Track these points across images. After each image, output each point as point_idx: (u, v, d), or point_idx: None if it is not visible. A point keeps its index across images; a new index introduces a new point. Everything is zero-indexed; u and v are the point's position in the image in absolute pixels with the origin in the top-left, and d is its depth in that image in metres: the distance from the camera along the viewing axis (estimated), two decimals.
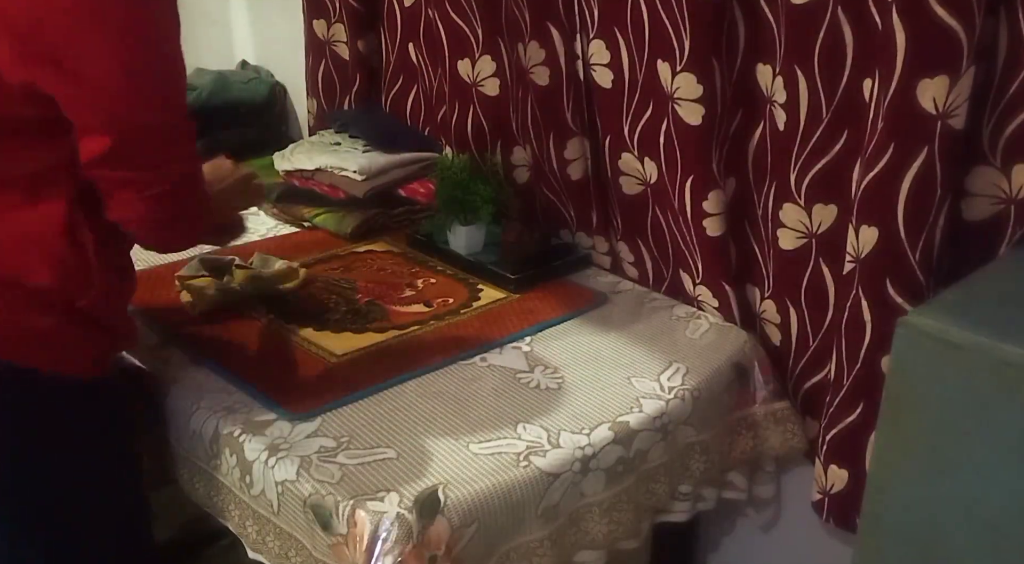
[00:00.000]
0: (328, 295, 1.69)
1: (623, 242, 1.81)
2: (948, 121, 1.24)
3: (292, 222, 2.01)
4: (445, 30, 1.91)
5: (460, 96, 1.94)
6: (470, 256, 1.80)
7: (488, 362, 1.51)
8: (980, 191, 1.31)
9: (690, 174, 1.58)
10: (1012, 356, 0.97)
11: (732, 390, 1.54)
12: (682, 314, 1.68)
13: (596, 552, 1.35)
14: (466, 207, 1.77)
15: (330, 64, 2.24)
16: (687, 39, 1.49)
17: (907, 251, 1.32)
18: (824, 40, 1.38)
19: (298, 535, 1.26)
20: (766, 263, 1.61)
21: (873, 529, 1.15)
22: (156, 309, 1.59)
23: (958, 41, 1.19)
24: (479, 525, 1.20)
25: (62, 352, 1.23)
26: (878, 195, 1.32)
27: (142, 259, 1.54)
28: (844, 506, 1.51)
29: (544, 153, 1.81)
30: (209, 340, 1.53)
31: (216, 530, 1.49)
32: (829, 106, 1.41)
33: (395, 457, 1.27)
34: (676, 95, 1.54)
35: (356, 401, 1.38)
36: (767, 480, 1.67)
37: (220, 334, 1.56)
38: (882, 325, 1.36)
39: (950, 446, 1.05)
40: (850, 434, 1.47)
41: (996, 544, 1.04)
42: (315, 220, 1.97)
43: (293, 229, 2.00)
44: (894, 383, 1.08)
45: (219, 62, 2.58)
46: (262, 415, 1.35)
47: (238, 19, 2.70)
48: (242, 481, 1.31)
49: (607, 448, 1.33)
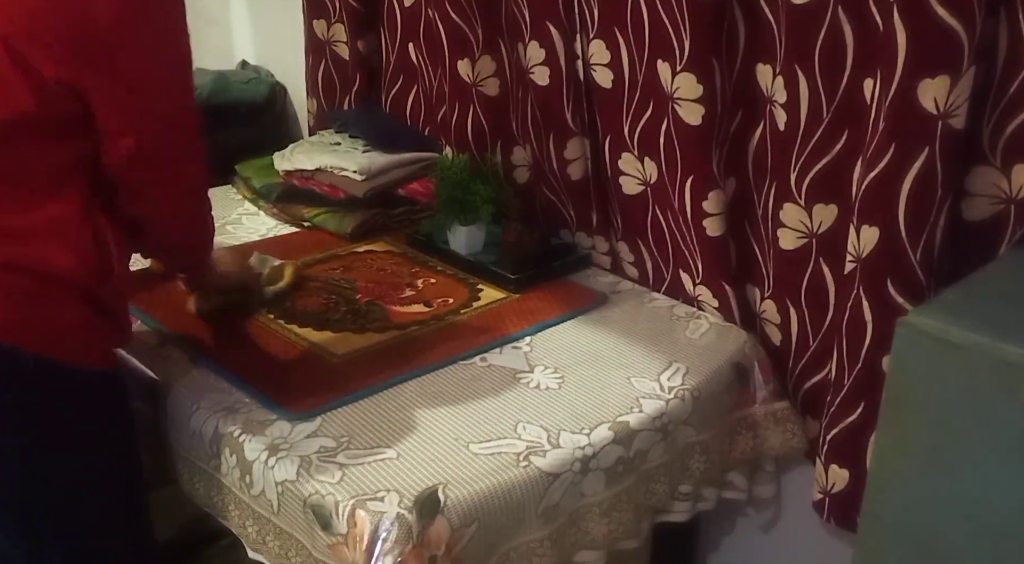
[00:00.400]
0: (328, 295, 1.69)
1: (623, 242, 1.81)
2: (949, 121, 1.24)
3: (292, 222, 2.01)
4: (445, 30, 1.91)
5: (460, 96, 1.94)
6: (470, 256, 1.80)
7: (488, 362, 1.51)
8: (980, 191, 1.31)
9: (690, 174, 1.58)
10: (1012, 356, 0.97)
11: (732, 390, 1.54)
12: (682, 314, 1.68)
13: (596, 552, 1.35)
14: (466, 207, 1.77)
15: (330, 64, 2.24)
16: (687, 39, 1.49)
17: (908, 251, 1.32)
18: (824, 40, 1.38)
19: (298, 535, 1.26)
20: (766, 263, 1.61)
21: (873, 529, 1.15)
22: (156, 309, 1.59)
23: (959, 41, 1.19)
24: (479, 525, 1.20)
25: (83, 343, 1.25)
26: (879, 195, 1.32)
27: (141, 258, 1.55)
28: (845, 506, 1.50)
29: (544, 153, 1.81)
30: (209, 340, 1.53)
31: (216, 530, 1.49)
32: (829, 106, 1.41)
33: (395, 457, 1.27)
34: (676, 95, 1.54)
35: (356, 401, 1.38)
36: (767, 480, 1.67)
37: (220, 334, 1.56)
38: (883, 325, 1.36)
39: (950, 446, 1.04)
40: (851, 434, 1.47)
41: (996, 544, 1.04)
42: (315, 220, 1.97)
43: (293, 229, 1.99)
44: (894, 383, 1.08)
45: (219, 62, 2.57)
46: (262, 415, 1.35)
47: (238, 19, 2.70)
48: (242, 481, 1.31)
49: (607, 448, 1.33)
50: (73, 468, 1.27)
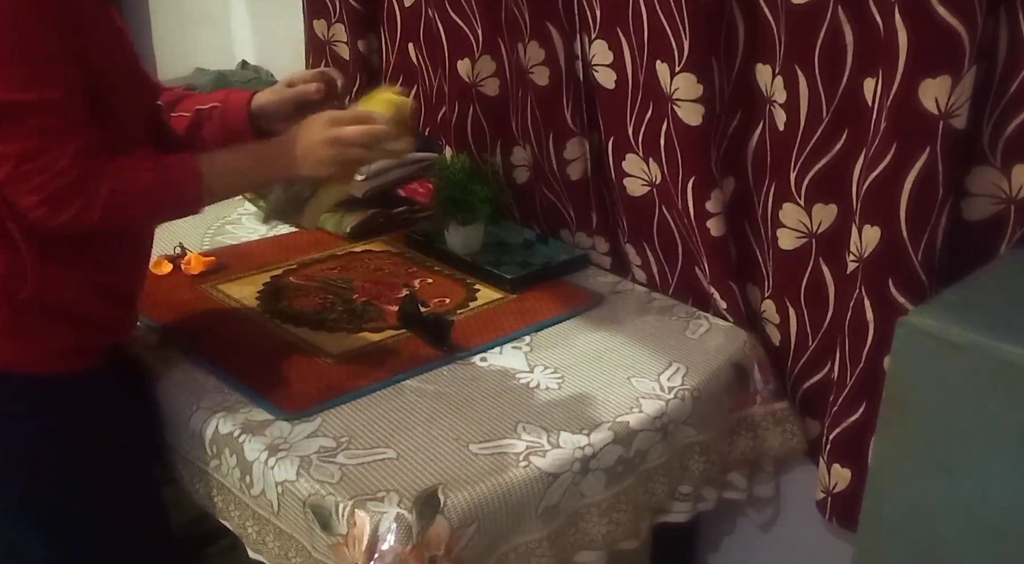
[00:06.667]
0: (325, 295, 1.68)
1: (630, 244, 1.80)
2: (950, 121, 1.24)
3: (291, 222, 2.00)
4: (445, 30, 1.91)
5: (460, 96, 1.94)
6: (467, 256, 1.80)
7: (488, 362, 1.50)
8: (980, 191, 1.31)
9: (692, 175, 1.58)
10: (1012, 356, 0.97)
11: (732, 390, 1.54)
12: (682, 314, 1.68)
13: (596, 552, 1.35)
14: (464, 207, 1.77)
15: (330, 64, 2.23)
16: (686, 39, 1.49)
17: (909, 251, 1.32)
18: (824, 40, 1.38)
19: (298, 535, 1.26)
20: (766, 263, 1.61)
21: (873, 529, 1.15)
22: (155, 309, 1.59)
23: (960, 41, 1.19)
24: (479, 525, 1.20)
25: (15, 346, 1.24)
26: (880, 195, 1.32)
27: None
28: (847, 505, 1.50)
29: (544, 153, 1.81)
30: (209, 340, 1.53)
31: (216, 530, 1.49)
32: (829, 106, 1.41)
33: (395, 457, 1.27)
34: (675, 96, 1.54)
35: (356, 400, 1.38)
36: (767, 480, 1.67)
37: (219, 334, 1.55)
38: (884, 325, 1.36)
39: (950, 446, 1.04)
40: (853, 434, 1.47)
41: (996, 544, 1.04)
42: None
43: (293, 229, 1.99)
44: (894, 383, 1.08)
45: (219, 62, 2.57)
46: (262, 415, 1.35)
47: (238, 19, 2.69)
48: (242, 481, 1.31)
49: (607, 448, 1.33)
50: (49, 465, 1.28)
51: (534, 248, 1.85)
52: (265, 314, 1.61)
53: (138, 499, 1.40)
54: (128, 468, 1.38)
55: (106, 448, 1.34)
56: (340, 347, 1.52)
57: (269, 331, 1.57)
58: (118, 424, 1.37)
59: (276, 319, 1.60)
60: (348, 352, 1.51)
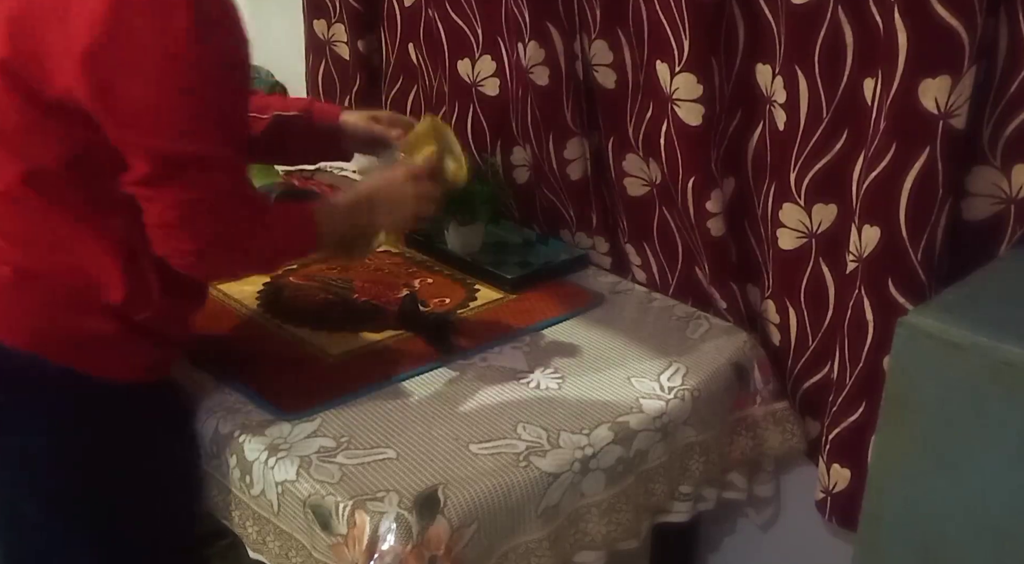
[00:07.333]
0: (325, 295, 1.68)
1: (630, 245, 1.80)
2: (950, 121, 1.24)
3: None
4: (445, 30, 1.91)
5: (460, 96, 1.94)
6: (467, 256, 1.80)
7: (488, 362, 1.50)
8: (980, 191, 1.31)
9: (692, 175, 1.58)
10: (1012, 356, 0.97)
11: (732, 390, 1.54)
12: (682, 314, 1.68)
13: (596, 552, 1.35)
14: (463, 207, 1.77)
15: (330, 64, 2.24)
16: (686, 39, 1.49)
17: (909, 251, 1.32)
18: (824, 40, 1.38)
19: (298, 535, 1.26)
20: (766, 263, 1.61)
21: (873, 529, 1.15)
22: None
23: (960, 41, 1.19)
24: (479, 525, 1.20)
25: (118, 358, 1.28)
26: (880, 195, 1.32)
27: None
28: (847, 505, 1.50)
29: (544, 153, 1.81)
30: (208, 341, 1.53)
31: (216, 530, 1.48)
32: (829, 106, 1.41)
33: (395, 457, 1.27)
34: (675, 96, 1.54)
35: (355, 400, 1.38)
36: (767, 480, 1.67)
37: (219, 334, 1.55)
38: (884, 325, 1.36)
39: (950, 446, 1.04)
40: (853, 434, 1.47)
41: (996, 544, 1.04)
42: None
43: None
44: (894, 383, 1.08)
45: None
46: (261, 415, 1.35)
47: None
48: (242, 481, 1.31)
49: (607, 448, 1.33)
50: (107, 469, 1.29)
51: (534, 248, 1.86)
52: (265, 314, 1.61)
53: (180, 505, 1.41)
54: (173, 472, 1.39)
55: (162, 452, 1.36)
56: (340, 347, 1.52)
57: (269, 331, 1.57)
58: (173, 433, 1.39)
59: (276, 319, 1.60)
60: (348, 352, 1.51)
